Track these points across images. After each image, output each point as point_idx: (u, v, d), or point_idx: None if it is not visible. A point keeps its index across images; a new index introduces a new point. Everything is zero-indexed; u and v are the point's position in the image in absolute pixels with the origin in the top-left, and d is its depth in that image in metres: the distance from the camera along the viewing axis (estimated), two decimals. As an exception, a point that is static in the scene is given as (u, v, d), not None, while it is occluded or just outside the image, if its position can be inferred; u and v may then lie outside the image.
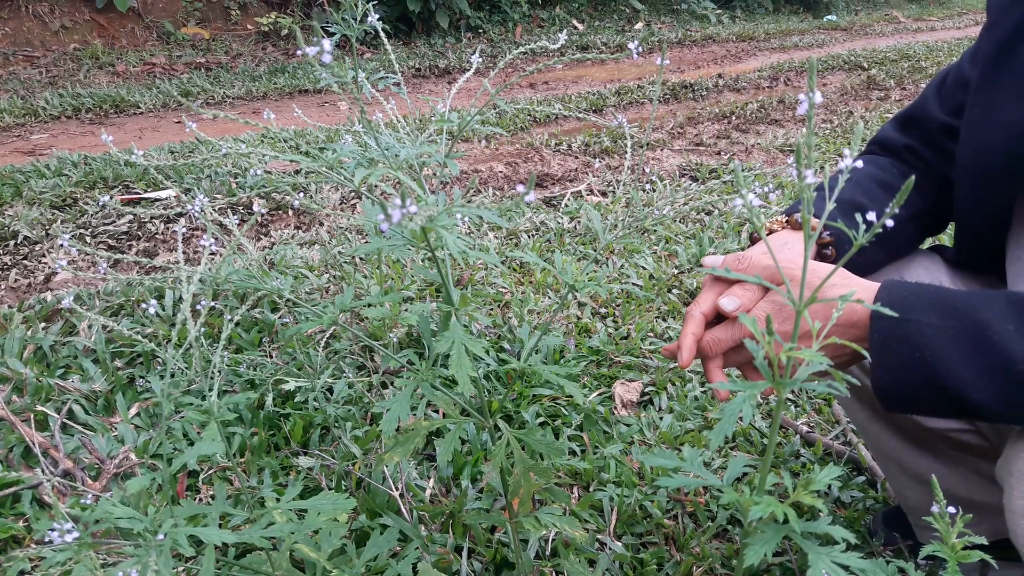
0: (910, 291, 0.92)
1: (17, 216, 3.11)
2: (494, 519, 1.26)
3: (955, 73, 1.24)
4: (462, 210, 0.82)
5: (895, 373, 0.90)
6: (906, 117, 1.32)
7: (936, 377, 0.87)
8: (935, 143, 1.25)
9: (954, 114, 1.22)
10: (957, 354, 0.86)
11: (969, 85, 1.17)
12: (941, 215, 1.29)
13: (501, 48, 7.85)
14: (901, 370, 0.89)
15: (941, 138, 1.24)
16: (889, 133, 1.33)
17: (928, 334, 0.87)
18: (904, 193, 0.59)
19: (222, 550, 1.42)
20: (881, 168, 1.28)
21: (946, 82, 1.25)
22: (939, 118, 1.24)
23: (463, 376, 0.82)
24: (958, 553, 0.74)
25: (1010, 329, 0.84)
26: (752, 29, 9.69)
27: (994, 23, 1.11)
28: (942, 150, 1.24)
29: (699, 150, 4.50)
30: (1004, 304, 0.86)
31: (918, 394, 0.89)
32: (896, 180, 1.26)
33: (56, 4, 6.89)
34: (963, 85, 1.20)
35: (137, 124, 5.08)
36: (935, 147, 1.25)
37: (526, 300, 2.44)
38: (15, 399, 1.86)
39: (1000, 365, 0.83)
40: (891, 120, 1.36)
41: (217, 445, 0.86)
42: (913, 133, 1.29)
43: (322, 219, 3.27)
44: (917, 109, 1.29)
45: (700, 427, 1.89)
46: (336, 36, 0.87)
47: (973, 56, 1.19)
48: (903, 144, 1.29)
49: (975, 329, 0.86)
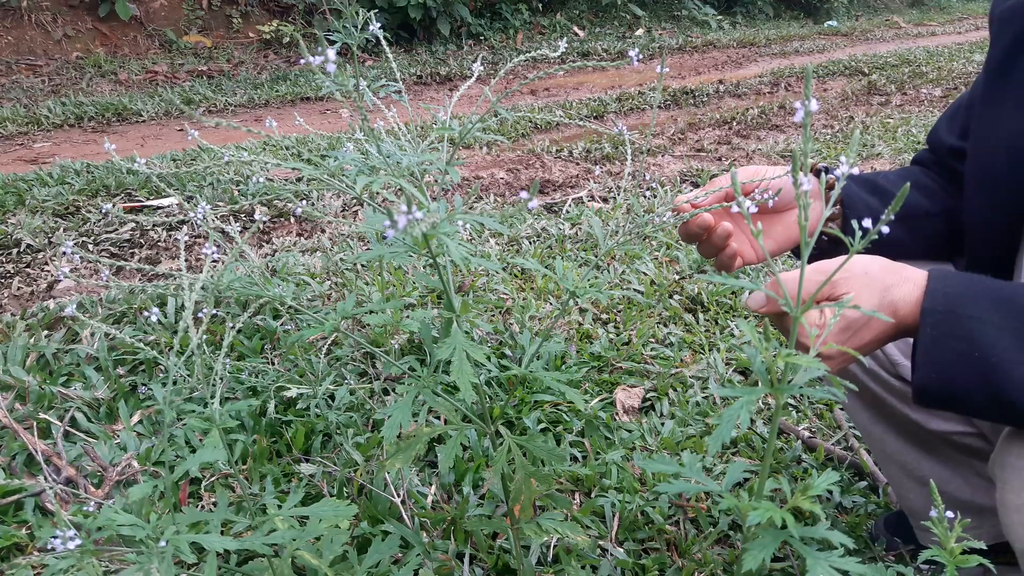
0: (964, 283, 0.88)
1: (20, 224, 3.12)
2: (496, 525, 1.26)
3: (968, 95, 1.23)
4: (463, 217, 0.83)
5: (947, 372, 0.85)
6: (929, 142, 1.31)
7: (995, 378, 0.83)
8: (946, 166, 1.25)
9: (964, 136, 1.21)
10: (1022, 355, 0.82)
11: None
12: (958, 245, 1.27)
13: (502, 55, 7.87)
14: (955, 369, 0.85)
15: (951, 160, 1.24)
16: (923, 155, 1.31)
17: (991, 333, 0.83)
18: (900, 199, 0.60)
19: (224, 557, 1.42)
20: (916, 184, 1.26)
21: (959, 106, 1.25)
22: (948, 141, 1.24)
23: (464, 382, 0.83)
24: (956, 557, 0.74)
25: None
26: (753, 35, 9.70)
27: (996, 36, 1.11)
28: (953, 173, 1.24)
29: (700, 156, 4.51)
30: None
31: (972, 396, 0.85)
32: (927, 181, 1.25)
33: (59, 13, 6.92)
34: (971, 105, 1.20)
35: (139, 132, 5.10)
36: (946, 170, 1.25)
37: (527, 306, 2.44)
38: (18, 407, 1.86)
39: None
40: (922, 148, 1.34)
41: (219, 452, 0.86)
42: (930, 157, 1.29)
43: (324, 226, 3.28)
44: (932, 136, 1.29)
45: (702, 432, 1.89)
46: (338, 44, 0.88)
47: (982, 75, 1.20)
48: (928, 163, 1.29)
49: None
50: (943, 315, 0.85)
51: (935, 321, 0.86)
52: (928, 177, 1.27)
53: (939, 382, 0.86)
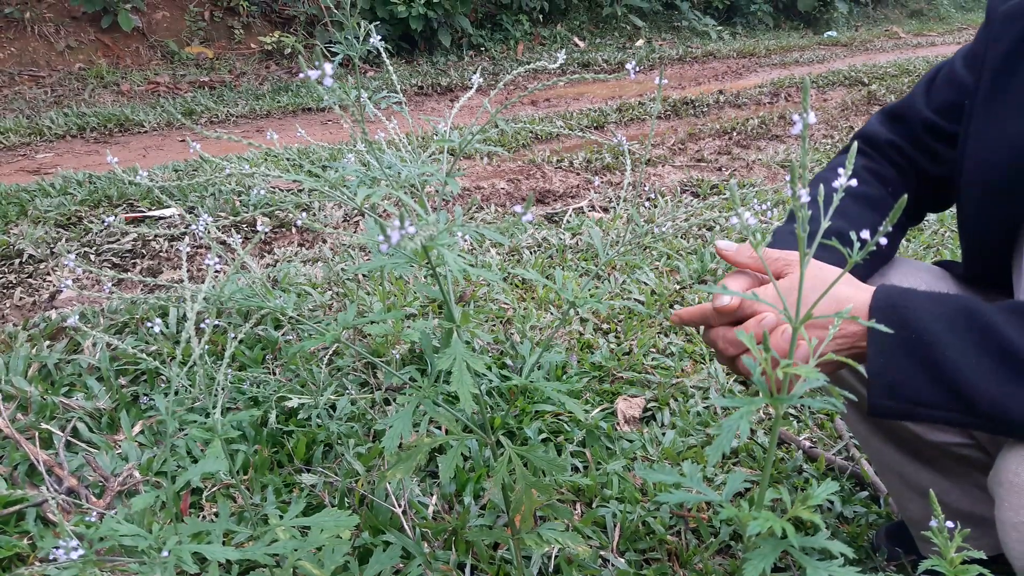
0: (904, 291, 0.94)
1: (22, 235, 3.13)
2: (497, 536, 1.26)
3: (946, 72, 1.25)
4: (463, 228, 0.83)
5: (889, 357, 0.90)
6: (893, 112, 1.33)
7: (932, 357, 0.87)
8: (918, 139, 1.27)
9: (940, 112, 1.23)
10: (954, 336, 0.87)
11: (961, 85, 1.18)
12: (919, 209, 1.34)
13: (503, 66, 7.90)
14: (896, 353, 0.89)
15: (924, 135, 1.26)
16: (875, 127, 1.34)
17: (924, 317, 0.88)
18: (897, 212, 0.60)
19: (226, 567, 1.42)
20: (857, 176, 1.28)
21: (936, 80, 1.27)
22: (924, 114, 1.26)
23: (465, 393, 0.83)
24: (956, 568, 0.74)
25: (1003, 318, 0.86)
26: (753, 45, 9.73)
27: (997, 36, 1.10)
28: (925, 147, 1.27)
29: (700, 166, 4.52)
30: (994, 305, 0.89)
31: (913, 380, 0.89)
32: (873, 189, 1.27)
33: (62, 24, 6.95)
34: (954, 85, 1.21)
35: (141, 143, 5.11)
36: (917, 143, 1.28)
37: (528, 316, 2.45)
38: (19, 417, 1.87)
39: (996, 348, 0.85)
40: (878, 112, 1.37)
41: (221, 463, 0.86)
42: (898, 128, 1.31)
43: (325, 237, 3.28)
44: (904, 105, 1.31)
45: (703, 443, 1.89)
46: (338, 58, 0.88)
47: (967, 57, 1.20)
48: (886, 139, 1.31)
49: (967, 312, 0.87)
50: (885, 310, 0.91)
51: (879, 317, 0.91)
52: (872, 172, 1.30)
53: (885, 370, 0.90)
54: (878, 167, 1.29)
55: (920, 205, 1.31)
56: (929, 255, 3.13)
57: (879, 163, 1.30)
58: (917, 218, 1.37)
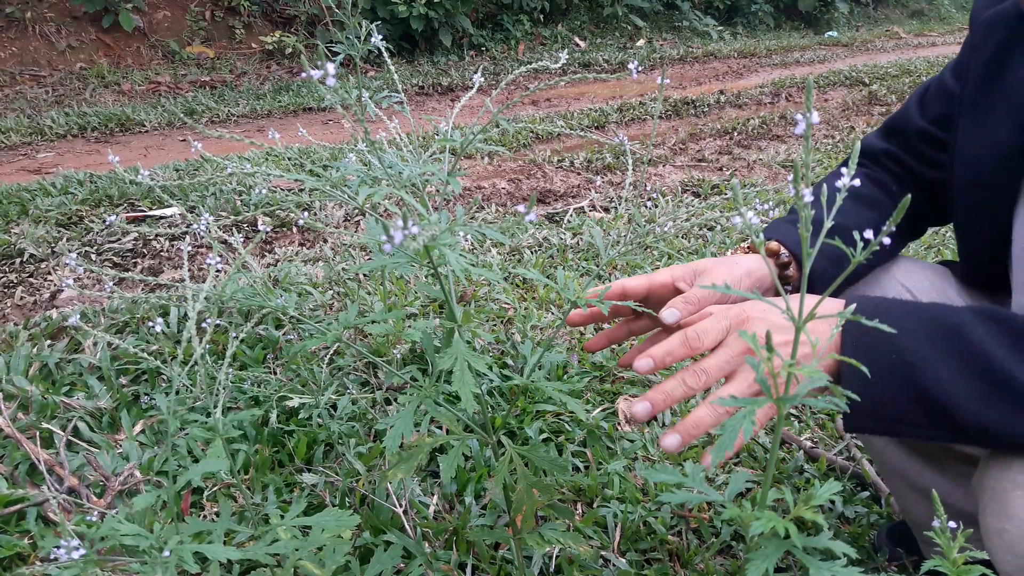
0: (879, 302, 0.93)
1: (23, 234, 3.13)
2: (498, 536, 1.26)
3: (936, 85, 1.28)
4: (464, 228, 0.83)
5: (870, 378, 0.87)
6: (888, 127, 1.36)
7: (915, 376, 0.86)
8: (913, 148, 1.30)
9: (935, 123, 1.26)
10: (935, 353, 0.86)
11: (951, 97, 1.22)
12: (918, 220, 1.34)
13: (504, 66, 7.89)
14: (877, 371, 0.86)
15: (919, 143, 1.28)
16: (871, 140, 1.37)
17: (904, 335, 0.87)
18: (901, 210, 0.60)
19: (227, 567, 1.42)
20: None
21: (927, 93, 1.30)
22: (919, 125, 1.28)
23: (466, 392, 0.83)
24: (959, 568, 0.74)
25: (981, 332, 0.85)
26: (753, 46, 9.73)
27: (979, 44, 1.14)
28: (920, 155, 1.29)
29: (701, 166, 4.52)
30: (969, 313, 0.88)
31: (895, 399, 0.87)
32: (872, 191, 1.28)
33: (63, 24, 6.96)
34: (945, 96, 1.25)
35: (142, 142, 5.11)
36: (913, 151, 1.30)
37: (529, 316, 2.44)
38: (20, 416, 1.87)
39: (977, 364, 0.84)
40: (875, 130, 1.40)
41: (222, 462, 0.86)
42: (893, 140, 1.34)
43: (326, 236, 3.28)
44: (899, 119, 1.34)
45: (704, 443, 1.88)
46: (339, 58, 0.88)
47: (955, 69, 1.24)
48: (882, 149, 1.33)
49: (948, 329, 0.87)
50: (861, 326, 0.88)
51: (855, 333, 0.90)
52: (869, 178, 1.32)
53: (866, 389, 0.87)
54: (876, 175, 1.32)
55: (919, 219, 1.33)
56: (930, 255, 3.12)
57: (877, 172, 1.33)
58: (917, 232, 1.37)
